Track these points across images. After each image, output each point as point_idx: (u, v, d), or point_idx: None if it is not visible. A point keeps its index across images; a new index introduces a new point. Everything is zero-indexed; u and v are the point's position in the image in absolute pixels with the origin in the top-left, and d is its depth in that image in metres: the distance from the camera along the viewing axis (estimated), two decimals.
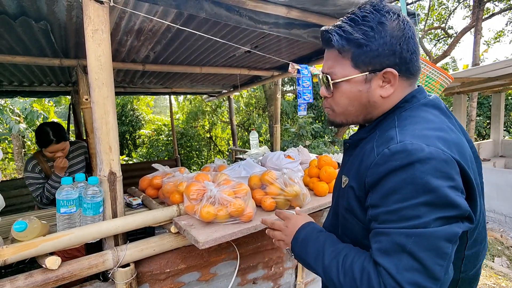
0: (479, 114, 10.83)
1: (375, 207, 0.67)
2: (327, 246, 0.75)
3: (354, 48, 0.73)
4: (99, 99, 1.23)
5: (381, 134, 0.72)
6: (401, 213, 0.62)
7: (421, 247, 0.59)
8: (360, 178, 0.71)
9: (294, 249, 0.82)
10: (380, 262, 0.62)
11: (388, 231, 0.63)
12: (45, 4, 1.66)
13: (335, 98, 0.80)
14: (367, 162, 0.69)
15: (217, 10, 1.61)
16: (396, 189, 0.63)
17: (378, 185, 0.66)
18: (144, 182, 1.95)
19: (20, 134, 7.60)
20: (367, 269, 0.64)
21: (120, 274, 1.29)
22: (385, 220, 0.64)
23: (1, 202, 1.18)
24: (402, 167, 0.62)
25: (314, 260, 0.75)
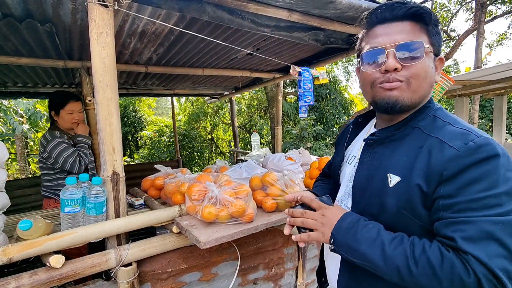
0: (481, 117, 10.81)
1: (450, 197, 0.68)
2: (383, 234, 0.73)
3: (434, 26, 0.78)
4: (103, 101, 1.25)
5: (438, 131, 0.75)
6: (484, 201, 0.65)
7: (507, 234, 0.62)
8: (430, 173, 0.71)
9: (337, 237, 0.78)
10: (467, 250, 0.63)
11: (473, 219, 0.65)
12: (51, 7, 1.69)
13: (417, 69, 0.76)
14: (445, 156, 0.70)
15: (219, 13, 1.63)
16: (479, 179, 0.66)
17: (457, 176, 0.68)
18: (146, 182, 1.97)
19: (23, 135, 7.65)
20: (449, 257, 0.65)
21: (123, 273, 1.30)
22: (464, 208, 0.66)
23: (6, 201, 1.20)
24: (486, 159, 0.66)
25: (369, 247, 0.72)
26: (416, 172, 0.73)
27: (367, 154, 0.87)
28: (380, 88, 0.80)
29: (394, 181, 0.76)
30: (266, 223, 1.44)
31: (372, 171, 0.84)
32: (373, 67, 0.80)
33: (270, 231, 1.79)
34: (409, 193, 0.73)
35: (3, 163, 1.17)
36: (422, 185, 0.72)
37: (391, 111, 0.80)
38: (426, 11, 0.75)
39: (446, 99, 9.24)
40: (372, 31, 0.82)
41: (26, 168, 8.38)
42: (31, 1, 1.62)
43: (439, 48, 0.79)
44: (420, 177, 0.72)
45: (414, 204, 0.73)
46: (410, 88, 0.77)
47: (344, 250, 0.77)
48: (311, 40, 2.07)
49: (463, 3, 12.82)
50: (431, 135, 0.75)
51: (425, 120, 0.80)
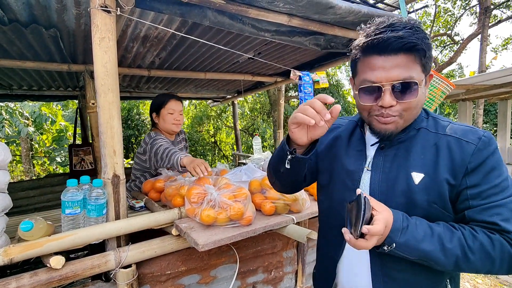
0: (485, 121, 10.73)
1: (476, 186, 0.79)
2: (435, 227, 0.79)
3: (427, 53, 0.80)
4: (105, 104, 1.28)
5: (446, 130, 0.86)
6: (502, 185, 0.78)
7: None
8: (457, 167, 0.80)
9: (396, 239, 0.77)
10: (510, 229, 0.75)
11: (501, 202, 0.77)
12: (55, 13, 1.72)
13: (413, 103, 0.81)
14: (467, 150, 0.80)
15: (220, 18, 1.66)
16: (495, 167, 0.79)
17: (480, 167, 0.79)
18: (147, 185, 1.99)
19: (28, 137, 7.74)
20: (497, 239, 0.76)
21: (122, 275, 1.32)
22: (489, 194, 0.78)
23: (8, 202, 1.22)
24: (496, 149, 0.81)
25: (430, 244, 0.77)
26: (442, 168, 0.81)
27: (379, 158, 0.90)
28: (375, 119, 0.86)
29: (419, 178, 0.82)
30: (265, 226, 1.45)
31: (389, 173, 0.87)
32: (369, 100, 0.84)
33: (269, 234, 1.80)
34: (438, 188, 0.80)
35: (5, 165, 1.20)
36: (450, 179, 0.80)
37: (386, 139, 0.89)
38: (420, 45, 0.77)
39: (449, 103, 9.20)
40: (368, 61, 0.83)
41: (30, 170, 8.46)
42: (36, 7, 1.65)
43: (430, 68, 0.84)
44: (446, 171, 0.80)
45: (444, 197, 0.81)
46: (403, 119, 0.84)
47: (403, 251, 0.79)
48: (311, 44, 2.09)
49: (467, 7, 12.79)
50: (440, 133, 0.85)
51: (424, 121, 0.89)
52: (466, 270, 0.78)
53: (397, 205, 0.83)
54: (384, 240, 0.78)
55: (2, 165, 1.17)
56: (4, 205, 1.18)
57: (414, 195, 0.82)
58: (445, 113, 10.75)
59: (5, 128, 6.48)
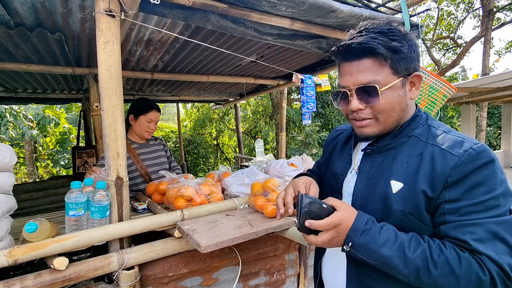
0: (489, 124, 10.67)
1: (455, 201, 0.74)
2: (401, 235, 0.76)
3: (393, 55, 0.79)
4: (109, 107, 1.29)
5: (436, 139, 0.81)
6: (487, 203, 0.72)
7: (508, 232, 0.70)
8: (436, 179, 0.76)
9: (355, 240, 0.77)
10: (481, 250, 0.70)
11: (480, 221, 0.71)
12: (61, 17, 1.75)
13: (380, 106, 0.81)
14: (449, 163, 0.75)
15: (223, 22, 1.67)
16: (481, 182, 0.73)
17: (462, 181, 0.73)
18: (150, 187, 2.00)
19: (32, 140, 7.79)
20: (466, 257, 0.71)
21: (125, 276, 1.32)
22: (469, 211, 0.73)
23: (13, 204, 1.23)
24: (485, 164, 0.73)
25: (390, 250, 0.74)
26: (421, 178, 0.77)
27: (366, 164, 0.90)
28: (353, 122, 0.89)
29: (397, 188, 0.80)
30: (267, 228, 1.45)
31: (372, 179, 0.87)
32: (342, 104, 0.88)
33: (271, 237, 1.80)
34: (414, 199, 0.77)
35: (11, 167, 1.21)
36: (427, 190, 0.76)
37: (367, 141, 0.91)
38: (379, 49, 0.77)
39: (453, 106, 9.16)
40: (341, 67, 0.87)
41: (34, 172, 8.51)
42: (42, 11, 1.68)
43: (409, 68, 0.82)
44: (425, 183, 0.77)
45: (420, 209, 0.77)
46: (379, 122, 0.84)
47: (362, 252, 0.77)
48: (313, 48, 2.10)
49: (470, 10, 12.78)
50: (429, 143, 0.81)
51: (419, 129, 0.85)
52: (428, 284, 0.73)
53: (375, 211, 0.83)
54: (344, 240, 0.79)
55: (8, 167, 1.19)
56: (9, 207, 1.20)
57: (391, 204, 0.80)
58: (448, 116, 10.70)
59: (9, 130, 6.53)
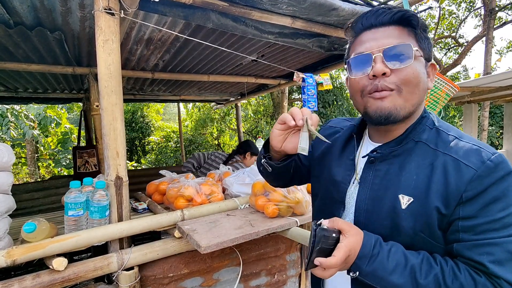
0: (491, 124, 10.63)
1: (471, 219, 0.66)
2: (411, 258, 0.69)
3: (422, 32, 0.74)
4: (108, 106, 1.28)
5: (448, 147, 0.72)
6: (505, 220, 0.64)
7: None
8: (450, 195, 0.67)
9: (363, 267, 0.70)
10: (498, 274, 0.63)
11: (497, 241, 0.64)
12: (60, 16, 1.74)
13: (408, 74, 0.71)
14: (465, 176, 0.67)
15: (223, 20, 1.66)
16: (499, 197, 0.65)
17: (478, 197, 0.65)
18: (151, 187, 1.99)
19: (33, 140, 7.80)
20: (482, 283, 0.64)
21: (124, 277, 1.31)
22: (486, 230, 0.65)
23: (12, 204, 1.22)
24: (504, 177, 0.65)
25: (401, 277, 0.68)
26: (433, 193, 0.69)
27: (369, 173, 0.80)
28: (370, 98, 0.74)
29: (407, 203, 0.72)
30: (268, 228, 1.44)
31: (377, 191, 0.77)
32: (361, 74, 0.75)
33: (272, 237, 1.79)
34: (426, 216, 0.69)
35: (9, 167, 1.20)
36: (440, 207, 0.68)
37: (385, 123, 0.74)
38: (412, 15, 0.72)
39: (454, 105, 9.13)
40: (359, 38, 0.77)
41: (35, 172, 8.52)
42: (41, 10, 1.67)
43: (429, 53, 0.75)
44: (438, 198, 0.68)
45: (432, 226, 0.69)
46: (402, 96, 0.72)
47: (370, 280, 0.71)
48: (315, 46, 2.08)
49: (471, 9, 12.73)
50: (439, 151, 0.72)
51: (426, 133, 0.76)
52: None
53: (381, 228, 0.75)
54: (351, 266, 0.71)
55: (6, 166, 1.18)
56: (7, 207, 1.18)
57: (399, 220, 0.72)
58: (450, 115, 10.66)
59: (10, 130, 6.54)
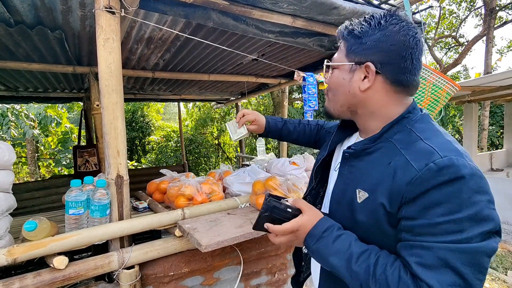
0: (491, 123, 10.63)
1: (411, 219, 0.66)
2: (354, 247, 0.73)
3: (350, 39, 0.80)
4: (109, 105, 1.28)
5: (409, 148, 0.72)
6: (443, 226, 0.62)
7: (464, 263, 0.60)
8: (394, 193, 0.69)
9: (310, 244, 0.77)
10: (422, 277, 0.62)
11: (430, 245, 0.63)
12: (61, 15, 1.74)
13: (330, 83, 0.86)
14: (406, 177, 0.67)
15: (224, 19, 1.66)
16: (440, 202, 0.63)
17: (419, 199, 0.65)
18: (151, 186, 1.99)
19: (34, 139, 7.80)
20: (406, 282, 0.64)
21: (125, 275, 1.31)
22: (423, 232, 0.64)
23: (13, 202, 1.22)
24: (449, 182, 0.63)
25: (338, 259, 0.72)
26: (381, 191, 0.71)
27: (344, 167, 0.85)
28: None
29: (362, 197, 0.75)
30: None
31: (346, 185, 0.82)
32: None
33: None
34: (375, 211, 0.72)
35: (10, 165, 1.20)
36: (386, 204, 0.70)
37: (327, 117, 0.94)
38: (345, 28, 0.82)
39: (455, 105, 9.13)
40: None
41: (36, 171, 8.53)
42: (41, 9, 1.67)
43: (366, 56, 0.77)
44: (384, 196, 0.70)
45: (380, 222, 0.71)
46: (329, 100, 0.89)
47: (315, 257, 0.78)
48: (315, 45, 2.08)
49: (472, 9, 12.72)
50: (401, 151, 0.72)
51: (401, 133, 0.76)
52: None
53: (344, 218, 0.80)
54: (303, 242, 0.79)
55: (7, 165, 1.18)
56: (8, 205, 1.19)
57: (355, 214, 0.76)
58: (450, 115, 10.65)
59: (10, 129, 6.54)
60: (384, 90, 0.78)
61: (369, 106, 0.81)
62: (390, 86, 0.78)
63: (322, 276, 0.90)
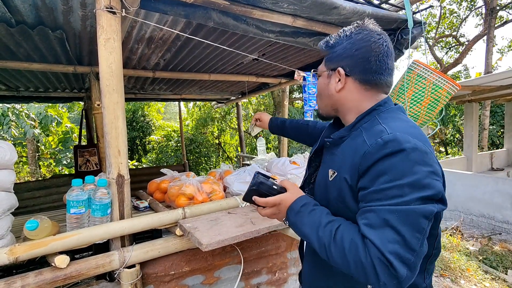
0: (492, 123, 10.61)
1: (364, 189, 0.77)
2: (324, 218, 0.83)
3: (327, 50, 0.96)
4: (110, 105, 1.29)
5: (368, 130, 0.83)
6: (387, 192, 0.72)
7: (402, 222, 0.70)
8: (353, 168, 0.80)
9: (289, 217, 0.89)
10: (366, 235, 0.71)
11: (375, 208, 0.73)
12: (62, 15, 1.74)
13: (317, 89, 1.01)
14: (361, 153, 0.79)
15: (224, 19, 1.66)
16: (385, 171, 0.73)
17: (369, 170, 0.76)
18: (152, 186, 2.00)
19: (34, 139, 7.82)
20: (355, 241, 0.73)
21: (126, 274, 1.32)
22: (372, 199, 0.74)
23: (14, 202, 1.23)
24: (392, 153, 0.74)
25: (310, 229, 0.83)
26: (345, 168, 0.83)
27: (326, 155, 0.97)
28: None
29: (332, 175, 0.87)
30: (269, 226, 1.44)
31: (325, 169, 0.94)
32: None
33: (273, 235, 1.79)
34: (340, 187, 0.83)
35: (12, 165, 1.21)
36: (348, 178, 0.81)
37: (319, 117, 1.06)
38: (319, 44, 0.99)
39: (455, 104, 9.12)
40: None
41: (36, 171, 8.55)
42: (42, 9, 1.67)
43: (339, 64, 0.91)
44: (347, 171, 0.82)
45: (344, 197, 0.83)
46: (318, 102, 1.04)
47: (294, 228, 0.89)
48: (315, 45, 2.08)
49: (472, 8, 12.71)
50: (362, 134, 0.84)
51: (368, 122, 0.87)
52: (333, 262, 0.77)
53: (322, 199, 0.91)
54: (285, 216, 0.91)
55: (8, 164, 1.19)
56: (9, 204, 1.19)
57: (328, 191, 0.88)
58: (451, 115, 10.64)
59: (11, 129, 6.55)
60: (356, 89, 0.91)
61: (345, 104, 0.94)
62: (360, 85, 0.90)
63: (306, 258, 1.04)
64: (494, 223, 4.89)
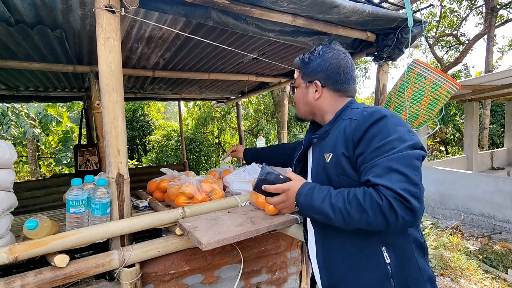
0: (492, 122, 10.61)
1: (362, 154, 0.95)
2: (332, 190, 0.97)
3: (302, 65, 1.21)
4: (109, 104, 1.28)
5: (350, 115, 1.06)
6: (382, 148, 0.91)
7: (402, 165, 0.87)
8: (347, 141, 0.99)
9: (299, 200, 1.01)
10: (378, 182, 0.86)
11: (377, 162, 0.90)
12: (61, 14, 1.74)
13: (295, 98, 1.25)
14: (352, 127, 0.99)
15: (224, 18, 1.66)
16: (376, 134, 0.94)
17: (363, 137, 0.95)
18: (152, 185, 2.00)
19: (34, 138, 7.82)
20: (368, 192, 0.88)
21: (126, 274, 1.32)
22: (371, 157, 0.92)
23: (14, 201, 1.23)
24: (378, 120, 0.96)
25: (321, 202, 0.95)
26: (339, 145, 1.01)
27: (315, 150, 1.15)
28: None
29: (328, 157, 1.04)
30: (269, 225, 1.44)
31: (318, 159, 1.11)
32: None
33: (273, 234, 1.79)
34: (339, 161, 1.01)
35: (11, 164, 1.21)
36: (344, 151, 1.00)
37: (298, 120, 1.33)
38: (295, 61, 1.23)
39: (456, 103, 9.11)
40: None
41: (36, 170, 8.55)
42: (42, 8, 1.67)
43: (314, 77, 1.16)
44: (342, 146, 1.00)
45: (344, 168, 1.00)
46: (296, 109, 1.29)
47: (306, 209, 1.01)
48: (315, 44, 2.07)
49: (473, 7, 12.69)
50: (346, 119, 1.05)
51: (346, 113, 1.10)
52: (351, 223, 0.90)
53: (323, 181, 1.06)
54: (294, 199, 1.03)
55: (8, 163, 1.18)
56: (9, 204, 1.19)
57: (328, 170, 1.04)
58: (451, 114, 10.64)
59: (11, 129, 6.55)
60: (330, 96, 1.16)
61: (322, 109, 1.18)
62: (333, 93, 1.15)
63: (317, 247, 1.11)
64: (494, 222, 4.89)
